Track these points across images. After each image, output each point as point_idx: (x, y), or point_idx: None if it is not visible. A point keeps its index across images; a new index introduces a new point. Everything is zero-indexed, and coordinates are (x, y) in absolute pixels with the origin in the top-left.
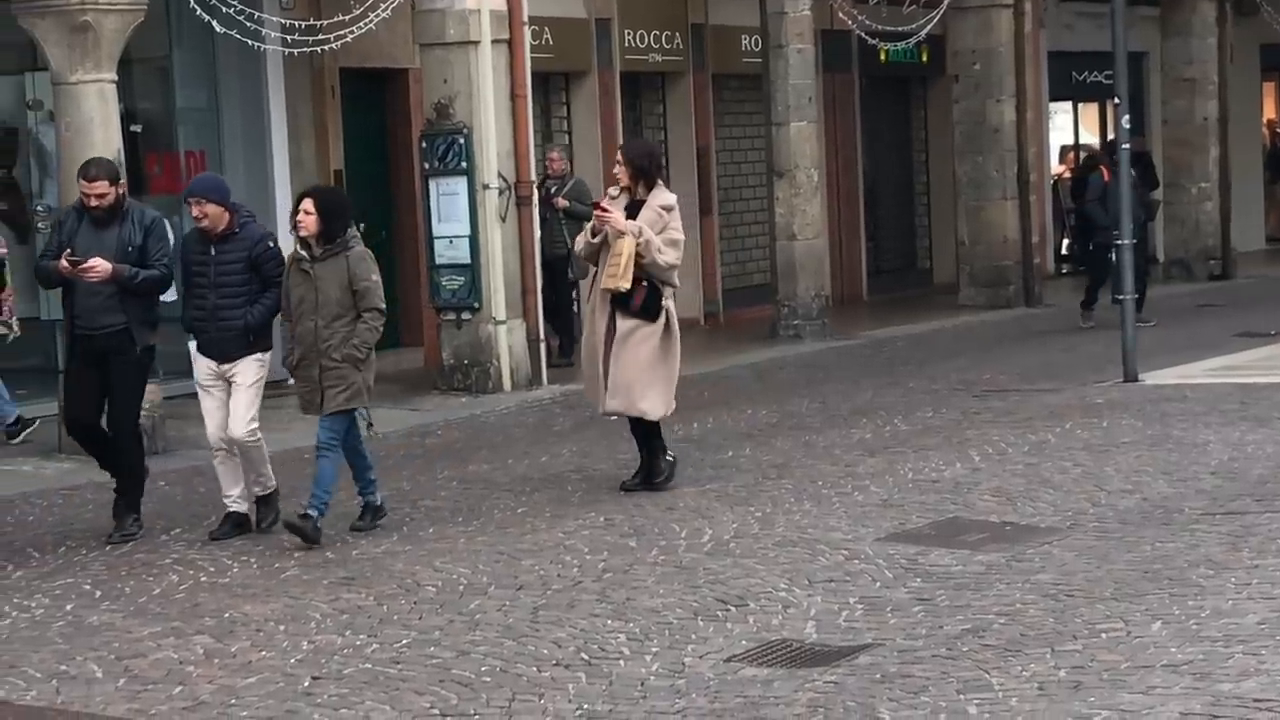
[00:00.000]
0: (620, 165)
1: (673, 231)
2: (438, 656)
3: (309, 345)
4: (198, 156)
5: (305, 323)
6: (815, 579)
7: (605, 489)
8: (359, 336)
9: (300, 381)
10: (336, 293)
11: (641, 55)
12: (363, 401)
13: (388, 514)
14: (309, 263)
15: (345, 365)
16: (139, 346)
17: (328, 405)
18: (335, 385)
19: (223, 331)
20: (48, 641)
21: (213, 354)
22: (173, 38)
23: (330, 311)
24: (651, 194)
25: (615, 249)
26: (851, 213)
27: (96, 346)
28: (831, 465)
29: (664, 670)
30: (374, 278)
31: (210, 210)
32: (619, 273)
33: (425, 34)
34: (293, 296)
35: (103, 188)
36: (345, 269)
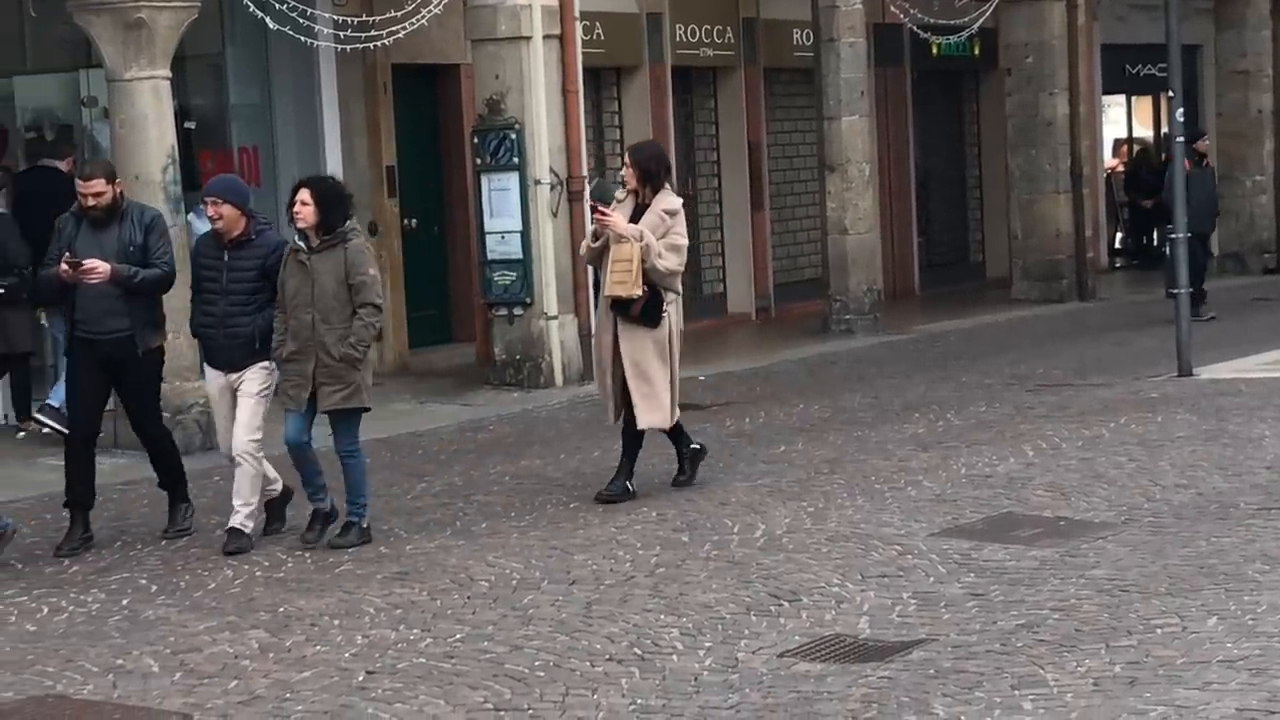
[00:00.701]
0: (627, 167)
1: (675, 236)
2: (491, 651)
3: (304, 339)
4: (251, 153)
5: (301, 315)
6: (868, 574)
7: (657, 483)
8: (355, 334)
9: (288, 376)
10: (334, 285)
11: (693, 50)
12: (361, 401)
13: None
14: (306, 254)
15: (342, 364)
16: (142, 350)
17: (323, 403)
18: (331, 383)
19: (230, 339)
20: (104, 636)
21: (219, 362)
22: (226, 35)
23: (327, 305)
24: (656, 197)
25: (619, 254)
26: (903, 207)
27: (102, 352)
28: (884, 460)
29: (717, 665)
30: (372, 271)
31: (226, 212)
32: (630, 280)
33: (477, 29)
34: (288, 288)
35: (99, 186)
36: (343, 261)
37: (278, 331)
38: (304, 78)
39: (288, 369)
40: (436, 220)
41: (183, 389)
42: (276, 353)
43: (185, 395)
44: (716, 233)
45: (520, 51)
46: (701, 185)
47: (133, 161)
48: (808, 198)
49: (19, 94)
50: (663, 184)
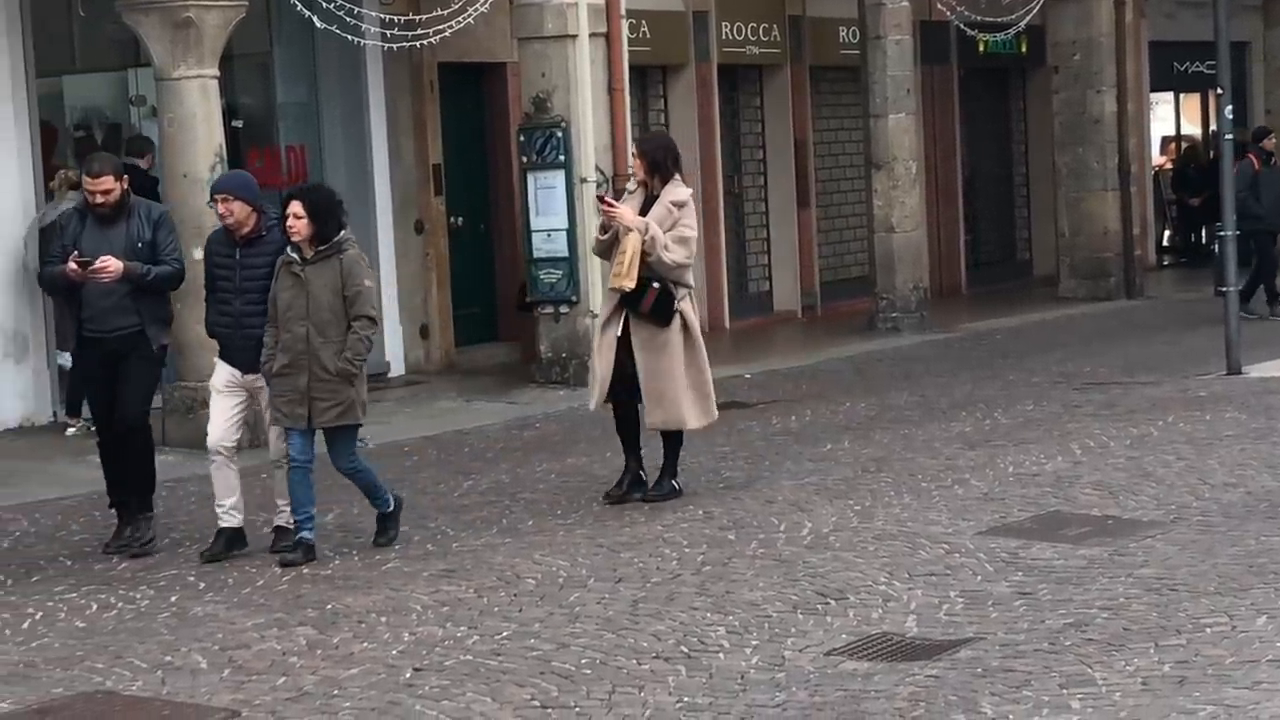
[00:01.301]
0: (635, 159)
1: (683, 229)
2: (538, 648)
3: (297, 353)
4: (298, 151)
5: (294, 328)
6: (915, 573)
7: (704, 482)
8: (351, 349)
9: (280, 392)
10: (329, 297)
11: (739, 48)
12: (355, 417)
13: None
14: (300, 265)
15: (338, 379)
16: (154, 345)
17: (316, 420)
18: (325, 399)
19: (248, 340)
20: (153, 632)
21: (236, 363)
22: (273, 33)
23: (322, 317)
24: (665, 189)
25: (620, 246)
26: (950, 205)
27: (109, 349)
28: (931, 459)
29: (764, 663)
30: (367, 283)
31: (236, 209)
32: (623, 271)
33: (523, 28)
34: (280, 300)
35: (108, 183)
36: (338, 272)
37: (267, 345)
38: (351, 76)
39: (279, 384)
40: (482, 218)
41: None
42: (266, 367)
43: None
44: (762, 230)
45: (566, 50)
46: (747, 183)
47: (181, 160)
48: (854, 195)
49: (68, 93)
50: (671, 175)
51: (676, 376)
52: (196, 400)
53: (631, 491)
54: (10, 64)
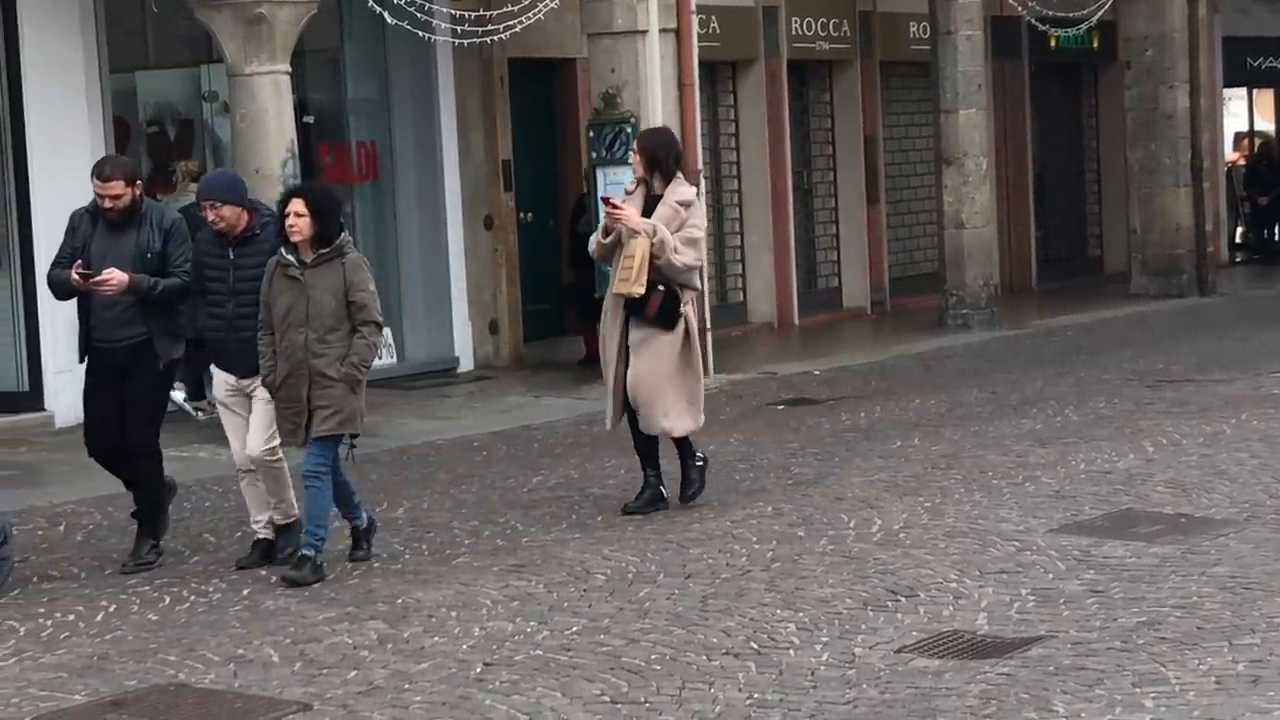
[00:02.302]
0: (634, 155)
1: (691, 229)
2: (608, 644)
3: (297, 361)
4: (369, 147)
5: (293, 336)
6: (986, 570)
7: (773, 478)
8: (358, 354)
9: (284, 404)
10: (331, 303)
11: (809, 43)
12: (355, 427)
13: (379, 527)
14: (298, 269)
15: (341, 385)
16: (162, 361)
17: (315, 428)
18: (326, 407)
19: (242, 343)
20: (225, 626)
21: (231, 368)
22: (344, 30)
23: (324, 324)
24: (669, 188)
25: (627, 250)
26: (1021, 201)
27: (116, 360)
28: (1002, 455)
29: (834, 660)
30: (371, 287)
31: (227, 213)
32: (632, 277)
33: (593, 24)
34: (277, 307)
35: (118, 188)
36: (341, 277)
37: (265, 356)
38: (421, 72)
39: (282, 397)
40: (551, 214)
41: None
42: (268, 380)
43: None
44: (831, 227)
45: (636, 45)
46: (816, 179)
47: (252, 155)
48: (924, 192)
49: (141, 89)
50: (674, 173)
51: (663, 381)
52: None
53: (650, 507)
54: (84, 60)
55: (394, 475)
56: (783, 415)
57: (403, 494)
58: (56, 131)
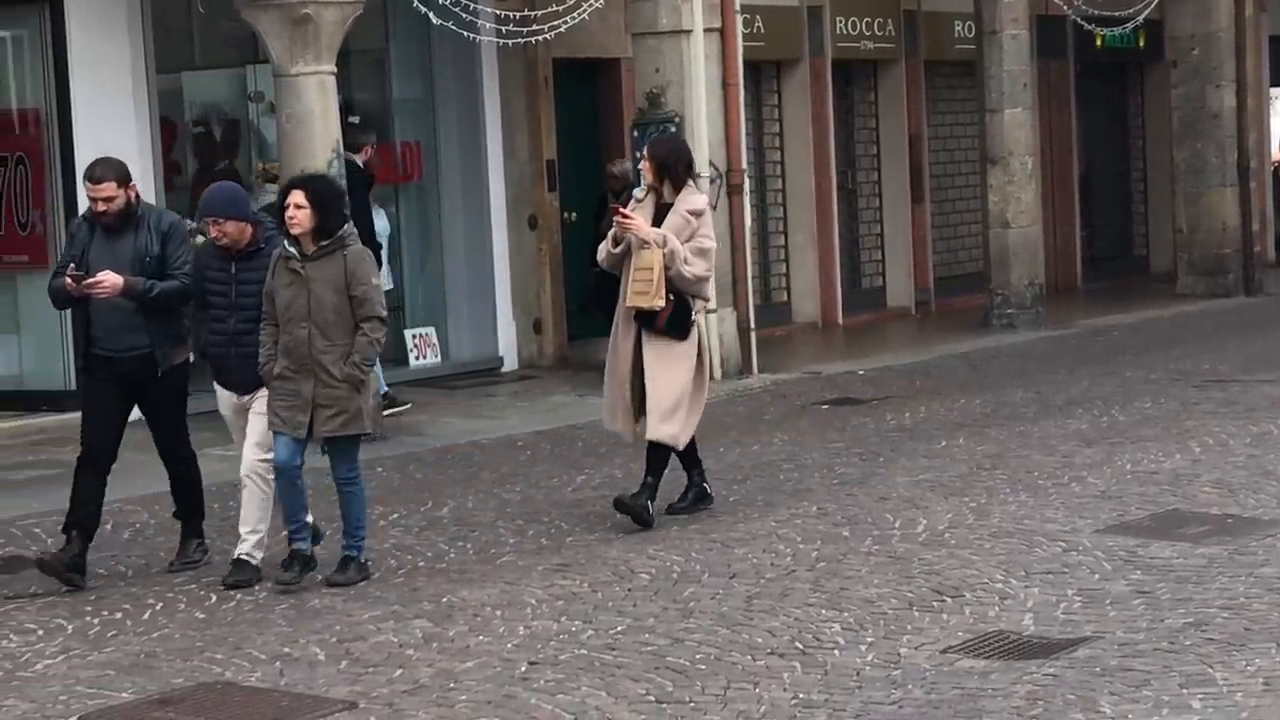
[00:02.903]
0: (644, 163)
1: (702, 239)
2: (652, 643)
3: (300, 356)
4: (413, 147)
5: (295, 330)
6: (1032, 570)
7: (817, 477)
8: (359, 352)
9: (280, 396)
10: (332, 297)
11: (853, 43)
12: (361, 426)
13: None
14: (299, 261)
15: (344, 385)
16: (161, 368)
17: (320, 429)
18: (329, 407)
19: (244, 359)
20: (271, 624)
21: (232, 384)
22: (389, 30)
23: (325, 318)
24: (679, 197)
25: (640, 261)
26: (1066, 200)
27: (121, 370)
28: (1047, 456)
29: (879, 661)
30: (375, 281)
31: (230, 229)
32: (651, 290)
33: (637, 23)
34: (279, 300)
35: (110, 189)
36: (343, 270)
37: (265, 346)
38: (466, 72)
39: (279, 387)
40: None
41: None
42: (265, 369)
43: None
44: (876, 226)
45: (681, 45)
46: (861, 179)
47: (298, 155)
48: (969, 191)
49: (187, 89)
50: (684, 181)
51: (683, 394)
52: None
53: (696, 506)
54: (131, 61)
55: (438, 474)
56: (827, 415)
57: (447, 493)
58: (103, 132)
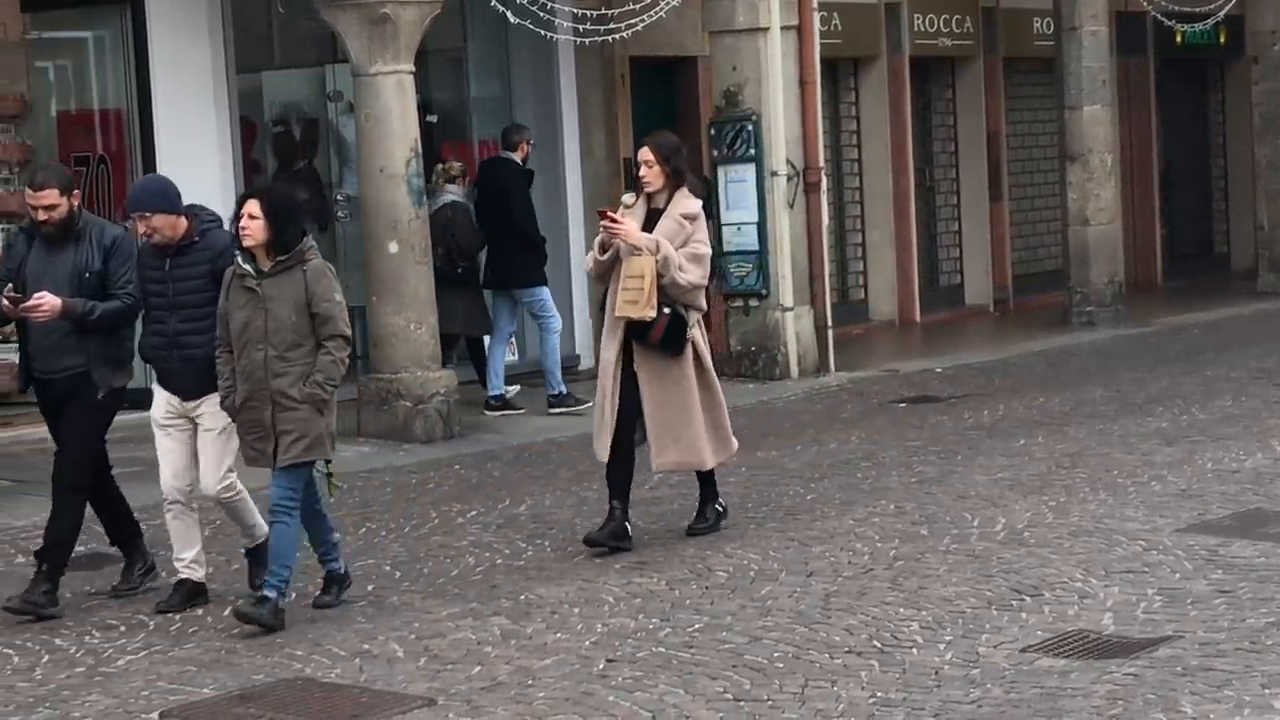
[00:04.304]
0: (652, 163)
1: (696, 245)
2: (730, 641)
3: (257, 381)
4: (491, 146)
5: (252, 354)
6: (1112, 569)
7: (895, 476)
8: (322, 371)
9: (246, 428)
10: (291, 316)
11: (931, 40)
12: (324, 451)
13: (352, 582)
14: (255, 279)
15: (305, 407)
16: (101, 391)
17: (282, 456)
18: (291, 431)
19: (185, 362)
20: (351, 621)
21: (174, 388)
22: (467, 29)
23: (284, 339)
24: (673, 200)
25: (631, 268)
26: (1146, 197)
27: (55, 391)
28: (1127, 454)
29: (958, 659)
30: (337, 297)
31: (158, 223)
32: (642, 299)
33: (715, 21)
34: (234, 321)
35: (51, 197)
36: (302, 286)
37: (223, 376)
38: (543, 71)
39: (245, 419)
40: None
41: (424, 377)
42: (227, 402)
43: (427, 385)
44: (954, 224)
45: (758, 43)
46: (939, 176)
47: (376, 155)
48: (1048, 188)
49: (267, 89)
50: (682, 181)
51: (692, 412)
52: (391, 392)
53: (614, 541)
54: (211, 61)
55: (515, 472)
56: (905, 413)
57: (525, 491)
58: (184, 132)
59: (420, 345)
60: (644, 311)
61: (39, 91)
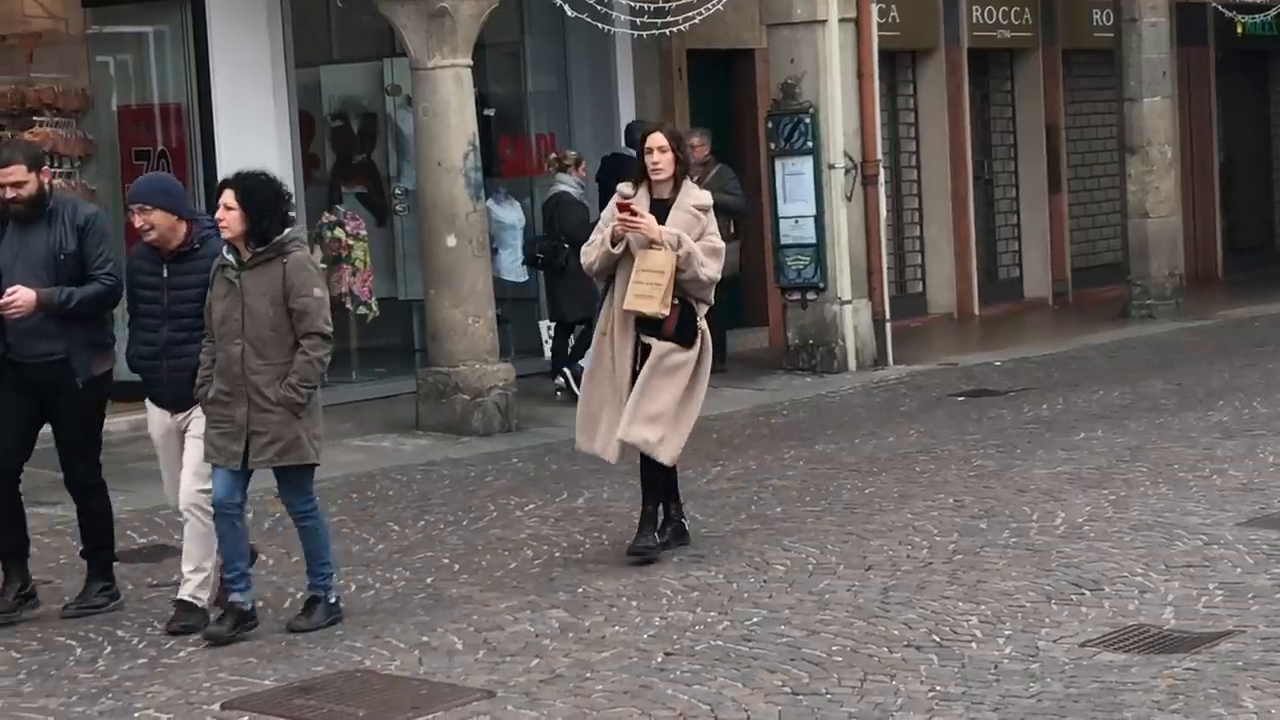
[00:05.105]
0: (666, 149)
1: (711, 238)
2: (788, 635)
3: (233, 376)
4: (548, 139)
5: (228, 348)
6: (1173, 564)
7: (954, 469)
8: (298, 373)
9: (214, 423)
10: (269, 310)
11: (990, 32)
12: (302, 457)
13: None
14: (235, 270)
15: (280, 410)
16: (80, 378)
17: (253, 459)
18: (264, 434)
19: (175, 372)
20: (410, 613)
21: (164, 401)
22: (525, 23)
23: (261, 334)
24: (681, 192)
25: (649, 262)
26: (1206, 189)
27: (33, 377)
28: (1188, 448)
29: (1017, 654)
30: (318, 292)
31: (157, 220)
32: (659, 295)
33: (772, 14)
34: (215, 312)
35: (18, 173)
36: (280, 279)
37: (204, 365)
38: (600, 64)
39: (214, 412)
40: None
41: (483, 370)
42: (200, 391)
43: (486, 378)
44: (1012, 216)
45: (816, 35)
46: (997, 169)
47: (435, 148)
48: (1107, 181)
49: (325, 83)
50: (689, 173)
51: (673, 403)
52: (449, 385)
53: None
54: (271, 55)
55: (573, 465)
56: (963, 406)
57: (582, 484)
58: (244, 126)
59: (478, 338)
60: (659, 308)
61: (100, 86)
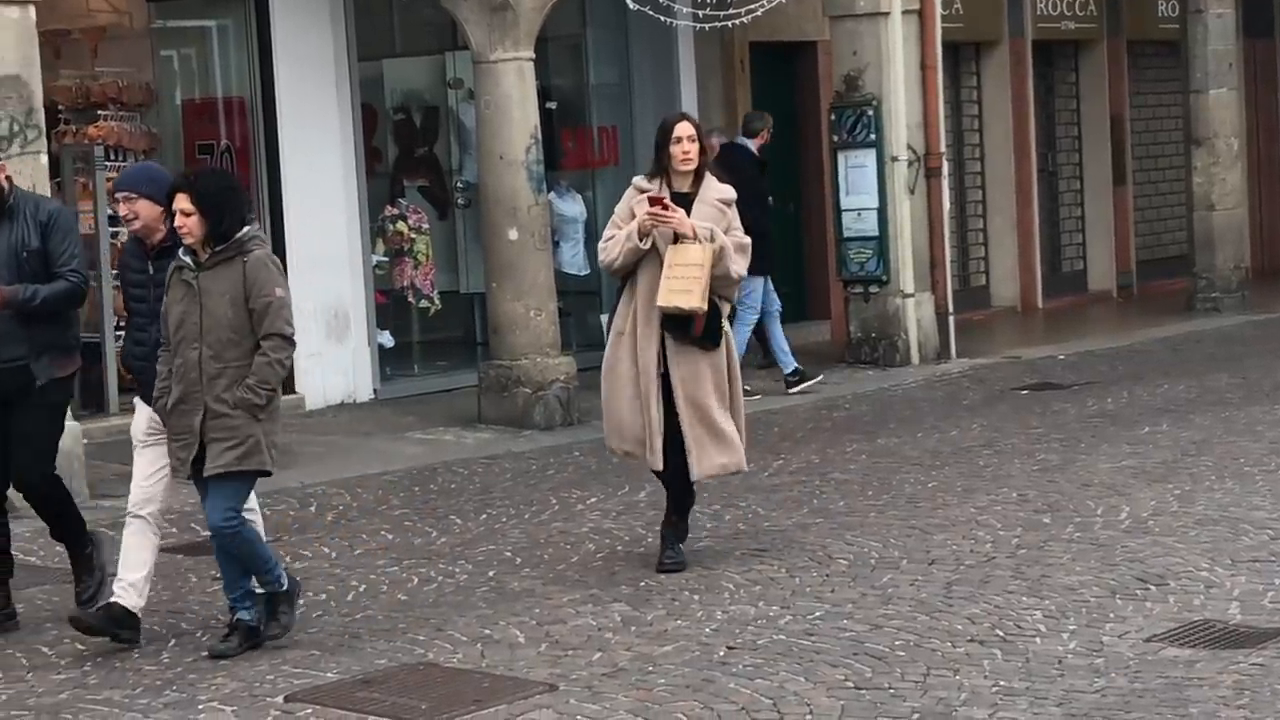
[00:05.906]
0: (695, 138)
1: (737, 234)
2: (850, 629)
3: (190, 383)
4: (610, 132)
5: (186, 352)
6: (1238, 559)
7: (1018, 463)
8: (256, 374)
9: (174, 434)
10: (228, 312)
11: (1054, 23)
12: (260, 462)
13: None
14: (192, 271)
15: (239, 413)
16: (40, 380)
17: (211, 464)
18: (223, 439)
19: None
20: (472, 606)
21: (153, 401)
22: (587, 16)
23: (219, 337)
24: (703, 185)
25: (683, 256)
26: (1273, 182)
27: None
28: (1254, 442)
29: (1081, 649)
30: (279, 291)
31: (142, 209)
32: (697, 289)
33: (835, 6)
34: (171, 317)
35: None
36: (240, 279)
37: (161, 375)
38: (662, 57)
39: (175, 423)
40: (793, 198)
41: (544, 364)
42: (159, 402)
43: (547, 371)
44: (1077, 209)
45: (879, 27)
46: (1062, 161)
47: (497, 141)
48: (1172, 173)
49: (388, 77)
50: (707, 165)
51: (724, 417)
52: (510, 378)
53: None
54: (334, 49)
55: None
56: (1027, 400)
57: (644, 477)
58: (307, 120)
59: (540, 332)
60: (699, 302)
61: (164, 80)
